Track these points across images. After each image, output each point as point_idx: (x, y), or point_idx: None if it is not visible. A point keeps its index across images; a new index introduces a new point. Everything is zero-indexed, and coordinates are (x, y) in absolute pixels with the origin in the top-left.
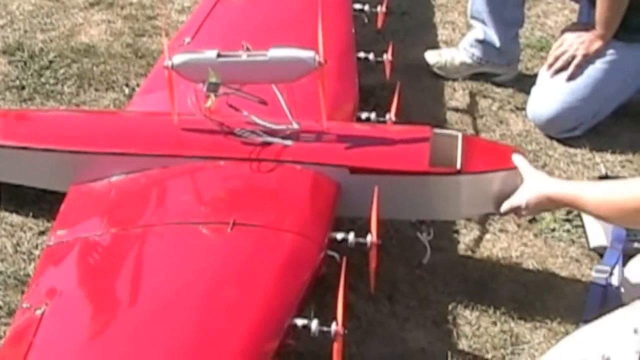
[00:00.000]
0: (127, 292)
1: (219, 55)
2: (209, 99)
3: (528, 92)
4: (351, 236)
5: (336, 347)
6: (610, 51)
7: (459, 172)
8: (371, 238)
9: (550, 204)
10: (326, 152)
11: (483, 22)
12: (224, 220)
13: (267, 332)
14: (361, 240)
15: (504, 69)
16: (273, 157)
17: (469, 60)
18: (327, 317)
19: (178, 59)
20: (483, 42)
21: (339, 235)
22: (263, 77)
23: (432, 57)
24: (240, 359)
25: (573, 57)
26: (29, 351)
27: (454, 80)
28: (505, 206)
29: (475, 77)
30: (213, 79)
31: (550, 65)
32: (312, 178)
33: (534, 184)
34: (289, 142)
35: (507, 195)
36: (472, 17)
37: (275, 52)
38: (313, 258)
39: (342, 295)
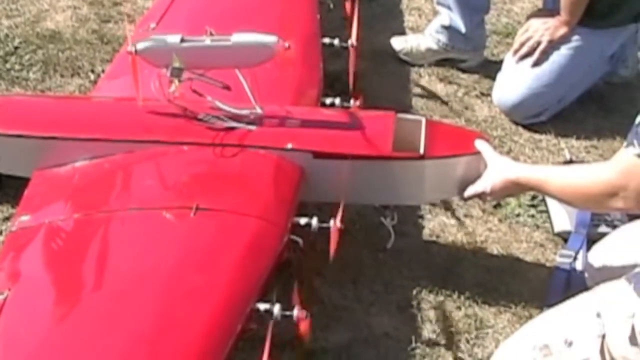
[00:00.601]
0: (90, 276)
1: (182, 40)
2: (173, 84)
3: (493, 79)
4: (314, 221)
5: (300, 330)
6: (576, 37)
7: (422, 157)
8: (334, 223)
9: (515, 189)
10: (289, 136)
11: (449, 7)
12: (187, 205)
13: (230, 317)
14: (324, 225)
15: (470, 55)
16: (236, 141)
17: (434, 46)
18: (291, 302)
19: (142, 44)
20: (449, 28)
21: (303, 220)
22: (227, 62)
23: (398, 43)
24: (203, 343)
25: (538, 43)
26: None
27: (420, 66)
28: (469, 191)
29: (441, 63)
30: (177, 64)
31: (516, 51)
32: (276, 163)
33: (498, 169)
34: (252, 127)
35: (470, 180)
36: (438, 3)
37: (239, 37)
38: (276, 243)
39: (302, 279)
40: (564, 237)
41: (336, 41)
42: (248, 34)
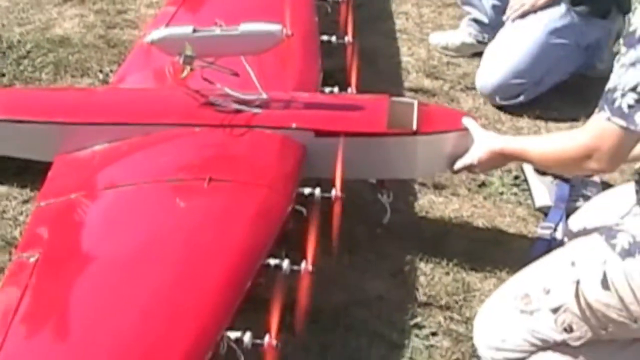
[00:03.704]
0: (113, 238)
1: (194, 30)
2: (185, 70)
3: (475, 75)
4: (317, 191)
5: (305, 283)
6: (556, 22)
7: (414, 133)
8: (335, 192)
9: (500, 160)
10: (292, 117)
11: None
12: (201, 176)
13: (243, 270)
14: (326, 194)
15: None
16: (244, 123)
17: (468, 40)
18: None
19: (157, 34)
20: (476, 21)
21: (307, 190)
22: (235, 50)
23: (435, 38)
24: (220, 293)
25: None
26: (24, 292)
27: (407, 63)
28: (458, 164)
29: (429, 60)
30: (189, 52)
31: (507, 17)
32: (280, 141)
33: (484, 142)
34: (258, 110)
35: (459, 155)
36: (463, 3)
37: (246, 27)
38: (281, 209)
39: (312, 237)
40: (545, 211)
41: (333, 38)
42: (254, 23)
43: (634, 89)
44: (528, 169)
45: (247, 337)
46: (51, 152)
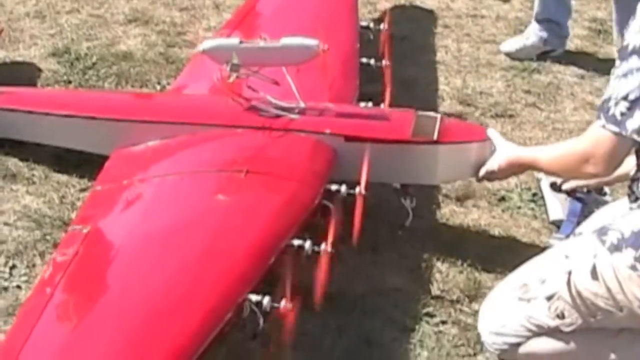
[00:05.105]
0: (157, 216)
1: (240, 42)
2: (231, 76)
3: (506, 104)
4: (343, 188)
5: (324, 261)
6: None
7: (435, 142)
8: (359, 189)
9: (517, 168)
10: (326, 124)
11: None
12: (239, 169)
13: (268, 247)
14: (351, 191)
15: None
16: (282, 127)
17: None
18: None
19: (208, 44)
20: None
21: (334, 187)
22: (276, 61)
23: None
24: (245, 262)
25: None
26: (74, 256)
27: (443, 91)
28: (482, 171)
29: (465, 89)
30: (235, 61)
31: None
32: (313, 143)
33: (504, 151)
34: (296, 116)
35: (477, 165)
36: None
37: (286, 40)
38: (309, 200)
39: (334, 222)
40: (557, 224)
41: (372, 61)
42: (294, 37)
43: (625, 98)
44: (545, 185)
45: (266, 300)
46: (110, 146)
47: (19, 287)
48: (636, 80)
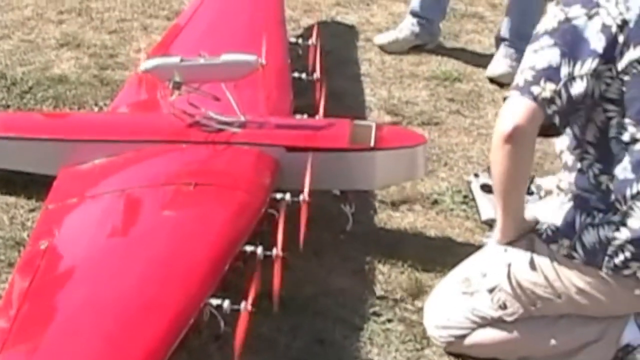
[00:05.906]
0: (112, 228)
1: (182, 60)
2: (174, 94)
3: (431, 113)
4: (287, 196)
5: (276, 267)
6: None
7: (372, 149)
8: (303, 197)
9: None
10: (266, 135)
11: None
12: (188, 182)
13: (222, 254)
14: (295, 199)
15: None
16: (225, 140)
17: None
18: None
19: (150, 63)
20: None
21: (278, 195)
22: (217, 77)
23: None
24: (203, 269)
25: None
26: (36, 271)
27: (370, 102)
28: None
29: (390, 102)
30: (177, 79)
31: None
32: (256, 155)
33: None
34: (237, 129)
35: (412, 168)
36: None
37: (226, 57)
38: (256, 208)
39: (281, 228)
40: (490, 224)
41: (304, 75)
42: (233, 54)
43: (532, 68)
44: (475, 187)
45: (226, 303)
46: (56, 166)
47: None
48: (546, 54)
